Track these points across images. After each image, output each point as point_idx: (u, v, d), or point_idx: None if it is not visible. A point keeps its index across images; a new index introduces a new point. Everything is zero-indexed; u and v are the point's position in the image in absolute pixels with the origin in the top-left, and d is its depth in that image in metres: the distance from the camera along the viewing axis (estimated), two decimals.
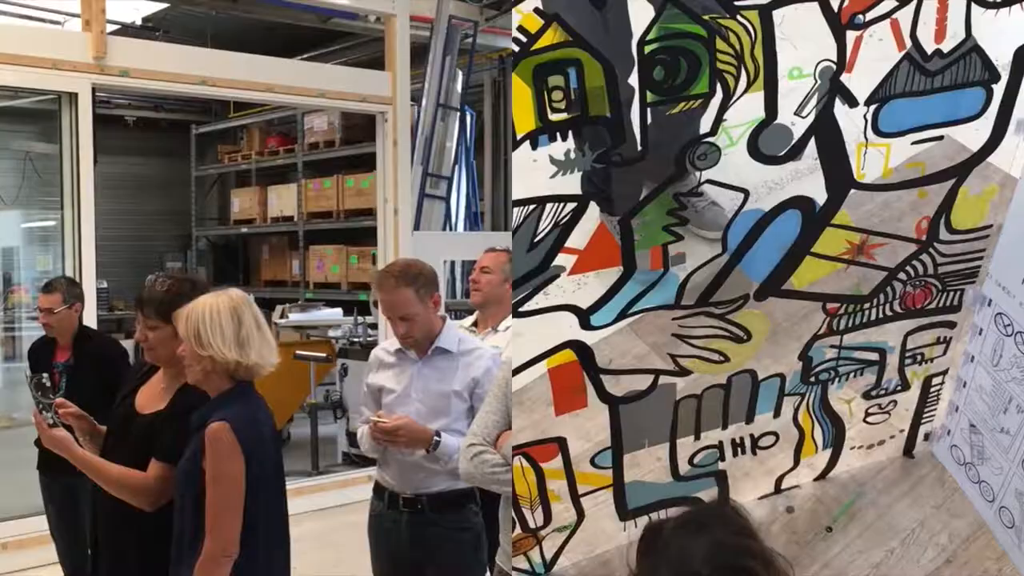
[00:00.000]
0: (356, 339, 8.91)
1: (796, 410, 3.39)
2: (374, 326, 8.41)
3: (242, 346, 2.61)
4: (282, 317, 10.48)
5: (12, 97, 8.48)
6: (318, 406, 8.20)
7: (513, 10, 2.42)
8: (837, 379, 3.39)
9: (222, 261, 14.26)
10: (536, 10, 2.39)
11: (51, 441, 2.84)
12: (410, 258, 3.56)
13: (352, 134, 11.46)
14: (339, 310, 10.78)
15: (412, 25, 7.71)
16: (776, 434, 3.42)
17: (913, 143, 2.92)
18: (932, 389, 3.56)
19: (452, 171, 9.34)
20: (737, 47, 2.56)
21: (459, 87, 9.27)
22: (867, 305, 3.21)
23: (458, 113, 9.30)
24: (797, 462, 3.52)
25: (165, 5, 9.40)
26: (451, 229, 9.56)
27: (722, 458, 3.38)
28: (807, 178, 2.88)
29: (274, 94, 7.10)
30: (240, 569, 2.54)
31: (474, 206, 9.93)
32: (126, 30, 6.73)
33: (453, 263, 9.69)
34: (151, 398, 2.88)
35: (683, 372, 3.12)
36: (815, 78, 2.69)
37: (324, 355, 8.54)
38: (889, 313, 3.27)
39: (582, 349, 2.93)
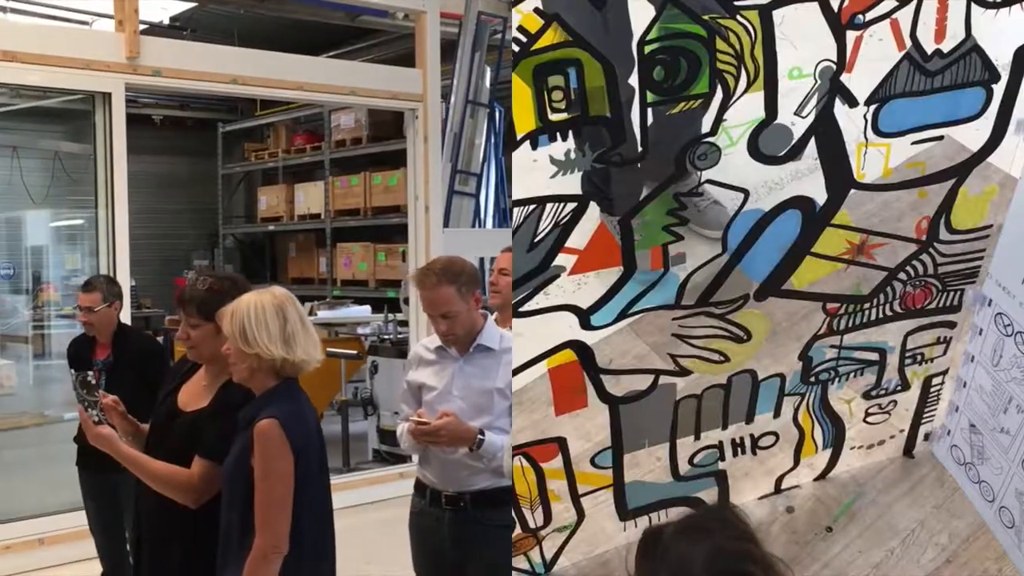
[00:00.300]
0: (387, 336, 8.89)
1: (796, 410, 3.39)
2: (405, 323, 8.39)
3: (288, 343, 2.61)
4: (310, 314, 10.44)
5: (40, 97, 8.50)
6: (348, 403, 8.20)
7: (513, 10, 2.42)
8: (837, 379, 3.39)
9: (249, 259, 14.25)
10: (536, 10, 2.39)
11: (97, 438, 2.85)
12: (452, 255, 3.53)
13: (379, 131, 11.44)
14: (367, 307, 10.75)
15: (441, 22, 7.70)
16: (776, 434, 3.42)
17: (913, 143, 2.92)
18: (932, 389, 3.56)
19: (481, 168, 9.29)
20: (737, 47, 2.56)
21: (488, 83, 9.23)
22: (867, 305, 3.21)
23: (487, 109, 9.23)
24: (797, 462, 3.52)
25: (193, 4, 9.40)
26: (480, 226, 9.51)
27: (722, 458, 3.38)
28: (807, 178, 2.88)
29: (304, 92, 7.10)
30: (288, 565, 2.55)
31: (503, 202, 9.87)
32: (154, 30, 6.73)
33: (482, 260, 9.68)
34: (193, 396, 2.88)
35: (683, 372, 3.12)
36: (815, 78, 2.69)
37: (355, 352, 8.54)
38: (889, 313, 3.27)
39: (582, 349, 2.93)
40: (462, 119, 8.85)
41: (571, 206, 2.65)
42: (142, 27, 6.09)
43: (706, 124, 2.68)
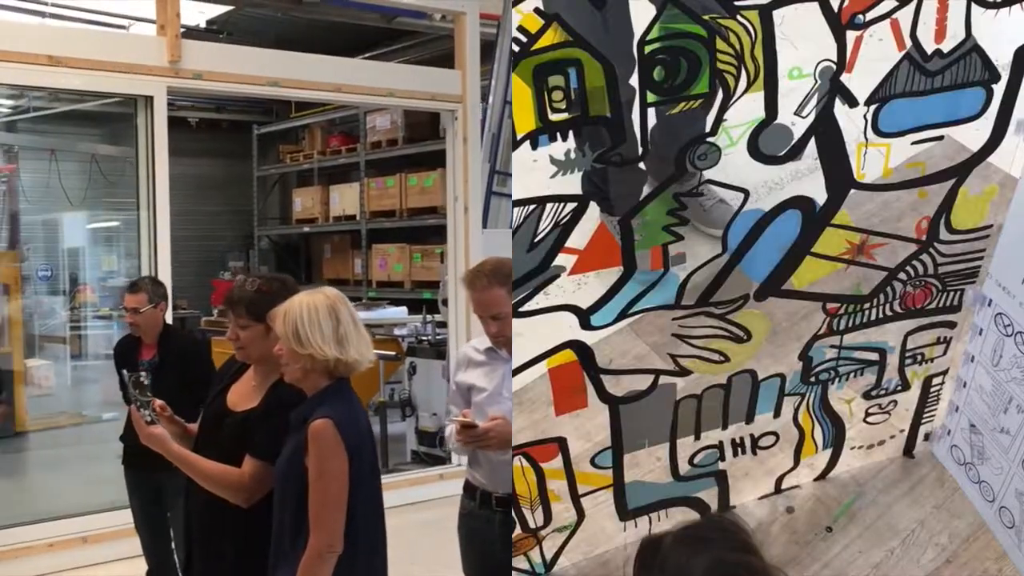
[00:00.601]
0: (425, 337, 8.87)
1: (796, 410, 3.39)
2: (444, 325, 8.38)
3: (341, 343, 2.61)
4: None
5: (78, 101, 8.53)
6: (386, 404, 8.19)
7: (513, 10, 2.42)
8: (837, 379, 3.39)
9: (284, 260, 14.23)
10: (536, 10, 2.39)
11: (149, 438, 2.85)
12: (501, 257, 3.52)
13: (415, 132, 11.43)
14: (404, 309, 10.72)
15: (479, 23, 7.70)
16: (776, 434, 3.42)
17: (913, 143, 2.92)
18: (932, 389, 3.56)
19: None
20: (737, 47, 2.56)
21: None
22: (867, 305, 3.21)
23: None
24: (797, 462, 3.52)
25: (230, 8, 9.41)
26: None
27: (722, 458, 3.38)
28: (807, 178, 2.88)
29: (343, 94, 7.12)
30: (343, 565, 2.55)
31: None
32: (191, 33, 6.75)
33: None
34: (243, 396, 2.89)
35: (683, 372, 3.12)
36: (815, 78, 2.69)
37: (393, 353, 8.53)
38: (889, 313, 3.27)
39: (582, 349, 2.93)
40: (500, 119, 8.80)
41: (571, 206, 2.65)
42: (180, 31, 6.13)
43: (706, 124, 2.68)
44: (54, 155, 9.72)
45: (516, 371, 2.85)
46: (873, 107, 2.79)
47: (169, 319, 4.74)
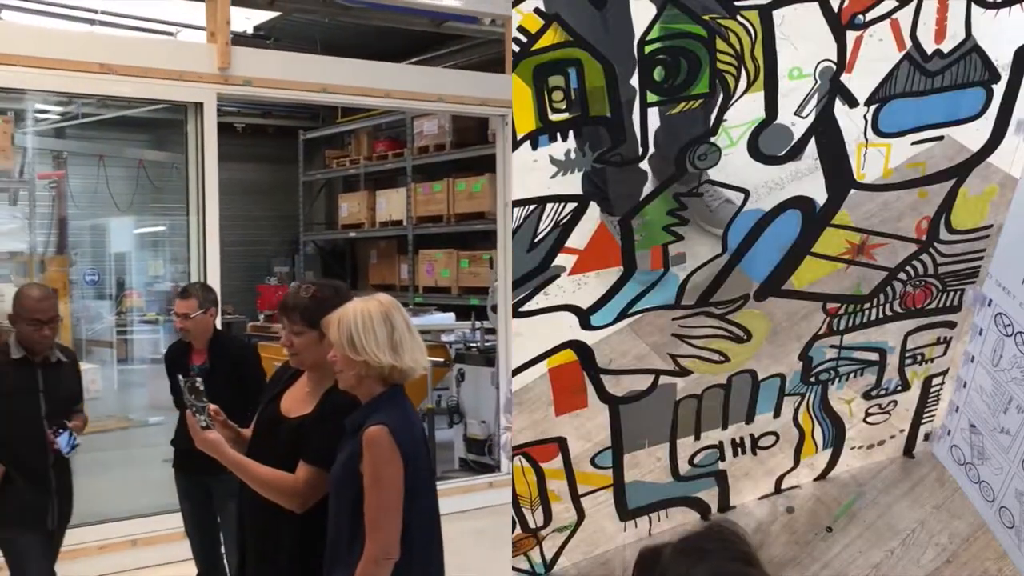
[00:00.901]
0: (473, 344, 8.83)
1: (796, 410, 3.39)
2: (492, 331, 8.35)
3: (396, 350, 2.60)
4: None
5: (126, 107, 8.57)
6: (434, 411, 8.15)
7: (513, 10, 2.42)
8: (837, 379, 3.39)
9: (330, 266, 14.14)
10: (536, 10, 2.39)
11: (204, 443, 2.85)
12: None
13: (463, 137, 11.36)
14: (451, 315, 10.66)
15: None
16: (776, 434, 3.42)
17: (913, 143, 2.92)
18: (932, 389, 3.56)
19: None
20: (737, 47, 2.56)
21: None
22: (867, 305, 3.22)
23: None
24: (797, 462, 3.52)
25: (276, 14, 9.42)
26: None
27: (722, 458, 3.38)
28: (807, 178, 2.88)
29: (392, 100, 7.12)
30: (398, 572, 2.54)
31: None
32: (237, 39, 6.78)
33: None
34: (297, 402, 2.88)
35: (683, 372, 3.12)
36: (815, 78, 2.69)
37: (441, 359, 8.50)
38: (889, 313, 3.27)
39: (582, 349, 2.93)
40: None
41: (571, 206, 2.65)
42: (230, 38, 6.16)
43: (708, 123, 2.69)
44: (102, 161, 9.79)
45: (516, 371, 2.85)
46: (873, 107, 2.79)
47: (218, 324, 4.76)
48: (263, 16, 9.52)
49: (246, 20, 9.39)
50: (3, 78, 5.51)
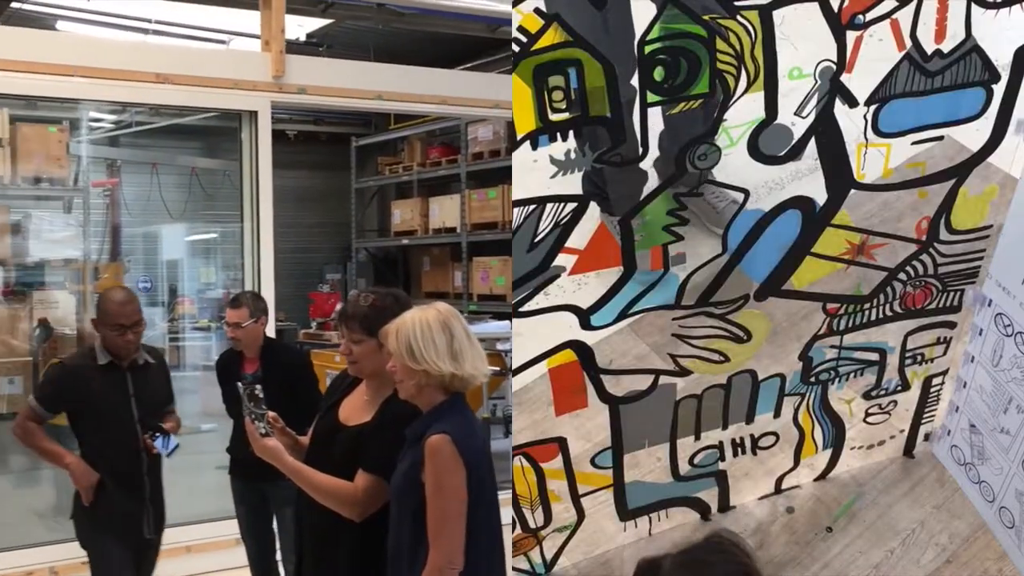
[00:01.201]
0: None
1: (796, 410, 3.39)
2: None
3: (456, 358, 2.58)
4: None
5: (178, 115, 8.63)
6: (489, 420, 8.08)
7: (513, 10, 2.43)
8: (837, 379, 3.38)
9: (382, 273, 14.01)
10: (536, 10, 2.39)
11: (263, 450, 2.85)
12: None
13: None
14: (507, 323, 10.61)
15: None
16: (776, 434, 3.42)
17: (913, 143, 2.92)
18: (932, 389, 3.56)
19: None
20: (737, 47, 2.56)
21: None
22: (867, 305, 3.21)
23: None
24: (797, 462, 3.52)
25: (329, 21, 9.42)
26: None
27: (722, 458, 3.38)
28: (807, 178, 2.88)
29: (448, 106, 7.09)
30: None
31: None
32: (290, 47, 6.83)
33: None
34: (355, 410, 2.87)
35: (683, 372, 3.12)
36: (815, 78, 2.69)
37: (498, 368, 8.47)
38: (889, 313, 3.27)
39: (582, 349, 2.93)
40: None
41: (571, 206, 2.65)
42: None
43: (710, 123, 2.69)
44: (155, 168, 9.85)
45: (516, 371, 2.85)
46: (873, 107, 2.79)
47: (271, 332, 4.76)
48: (316, 24, 9.52)
49: (299, 28, 9.40)
50: (61, 89, 5.59)
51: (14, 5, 8.75)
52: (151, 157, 10.01)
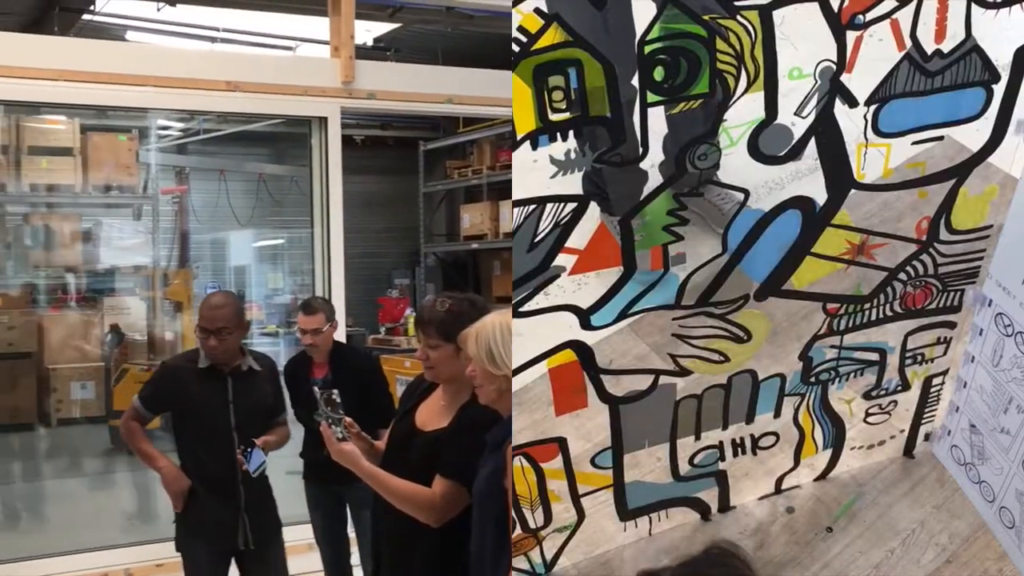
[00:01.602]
0: None
1: (796, 410, 3.39)
2: None
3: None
4: None
5: (246, 122, 8.67)
6: None
7: (513, 10, 2.42)
8: (837, 379, 3.38)
9: (451, 277, 13.92)
10: (536, 10, 2.39)
11: (340, 455, 2.83)
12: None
13: None
14: None
15: None
16: (776, 434, 3.42)
17: (913, 143, 2.91)
18: (932, 389, 3.56)
19: None
20: (737, 47, 2.56)
21: None
22: (867, 305, 3.21)
23: None
24: (797, 462, 3.52)
25: (397, 25, 9.41)
26: None
27: (722, 458, 3.38)
28: (807, 178, 2.88)
29: None
30: None
31: None
32: (359, 52, 6.87)
33: None
34: (432, 415, 2.86)
35: (683, 372, 3.12)
36: (815, 78, 2.69)
37: None
38: (889, 313, 3.27)
39: (582, 349, 2.93)
40: None
41: (571, 206, 2.65)
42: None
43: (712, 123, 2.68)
44: (223, 175, 9.89)
45: (516, 371, 2.85)
46: (873, 107, 2.79)
47: (340, 337, 4.76)
48: (383, 28, 9.52)
49: (366, 33, 9.45)
50: (132, 98, 5.71)
51: (85, 17, 8.89)
52: (219, 164, 10.11)
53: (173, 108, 6.93)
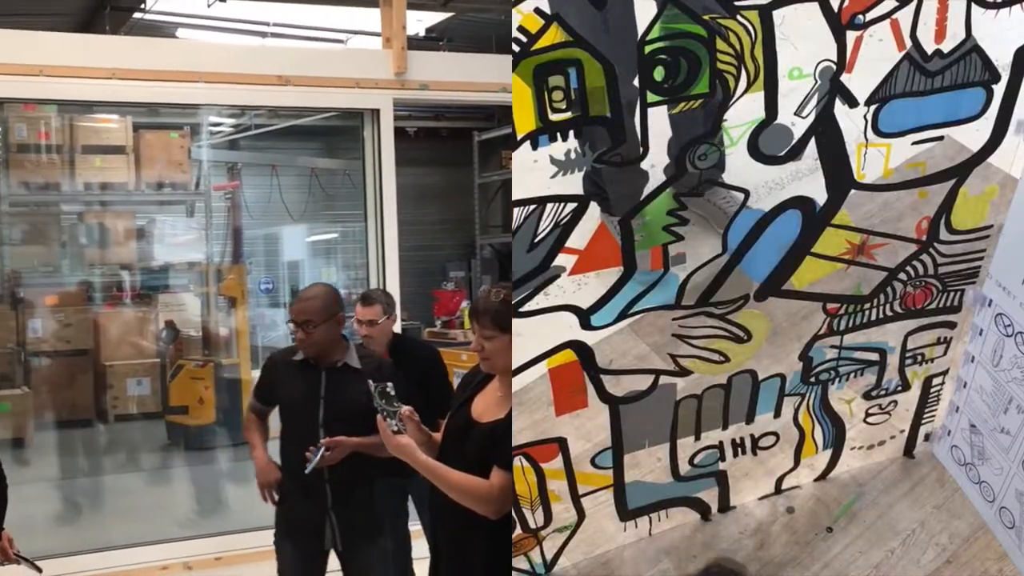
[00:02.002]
0: None
1: (796, 410, 3.39)
2: None
3: None
4: None
5: (297, 116, 8.68)
6: None
7: (513, 10, 2.42)
8: (837, 379, 3.38)
9: (507, 270, 13.83)
10: (536, 10, 2.39)
11: (396, 448, 2.81)
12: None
13: None
14: None
15: None
16: (776, 434, 3.42)
17: (913, 143, 2.91)
18: (932, 389, 3.56)
19: None
20: (737, 47, 2.56)
21: None
22: (867, 305, 3.21)
23: None
24: (797, 462, 3.52)
25: (449, 15, 9.38)
26: None
27: (722, 458, 3.38)
28: (807, 178, 2.88)
29: None
30: None
31: None
32: (411, 42, 6.87)
33: None
34: (488, 407, 2.85)
35: (683, 372, 3.12)
36: (815, 78, 2.69)
37: None
38: (889, 313, 3.27)
39: (582, 349, 2.93)
40: None
41: (571, 206, 2.65)
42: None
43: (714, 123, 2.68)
44: (275, 170, 9.88)
45: (516, 371, 2.85)
46: (873, 107, 2.79)
47: (398, 329, 4.74)
48: (436, 18, 9.47)
49: (418, 23, 9.38)
50: (184, 95, 5.64)
51: (136, 16, 8.93)
52: (271, 159, 10.08)
53: (224, 104, 6.90)
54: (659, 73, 2.53)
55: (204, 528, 4.52)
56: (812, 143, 2.78)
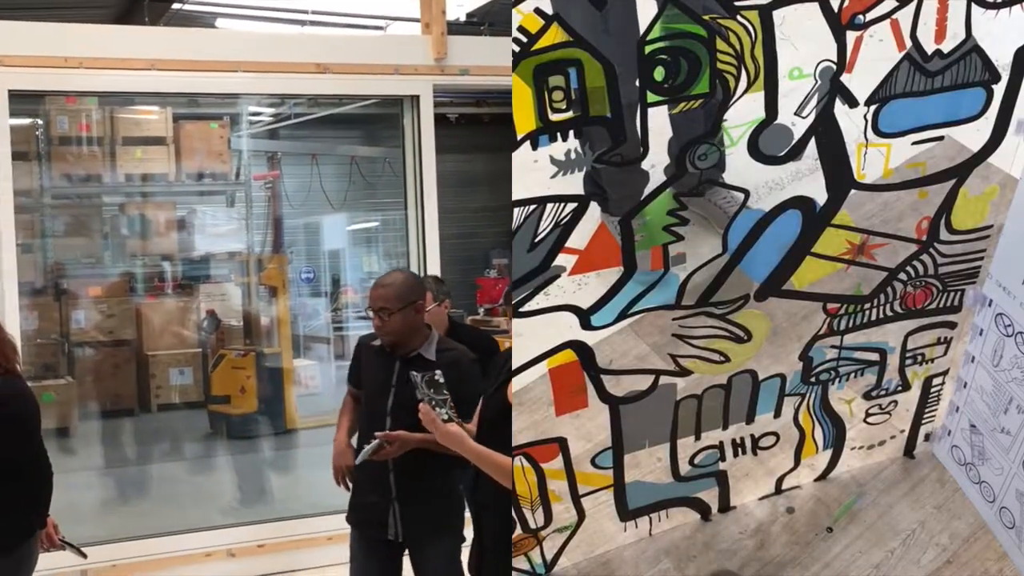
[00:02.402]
0: None
1: (796, 410, 3.39)
2: None
3: None
4: None
5: (336, 104, 8.66)
6: None
7: (513, 10, 2.43)
8: (837, 379, 3.38)
9: None
10: (536, 10, 2.39)
11: (445, 436, 2.81)
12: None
13: None
14: None
15: None
16: (777, 434, 3.42)
17: (913, 143, 2.92)
18: (933, 389, 3.56)
19: None
20: (737, 47, 2.56)
21: None
22: (867, 305, 3.21)
23: None
24: (798, 462, 3.52)
25: None
26: None
27: (723, 458, 3.38)
28: (807, 178, 2.88)
29: None
30: None
31: None
32: (450, 27, 6.80)
33: None
34: None
35: (683, 372, 3.12)
36: (815, 78, 2.69)
37: None
38: (889, 313, 3.27)
39: (582, 349, 2.93)
40: None
41: (571, 206, 2.65)
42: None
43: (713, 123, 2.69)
44: (315, 159, 9.84)
45: (516, 371, 2.85)
46: (873, 107, 2.79)
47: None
48: (476, 2, 9.41)
49: (458, 8, 9.26)
50: (223, 84, 5.68)
51: (175, 7, 8.95)
52: (310, 148, 10.03)
53: (264, 93, 6.89)
54: (659, 73, 2.53)
55: (246, 516, 4.52)
56: (812, 143, 2.79)
